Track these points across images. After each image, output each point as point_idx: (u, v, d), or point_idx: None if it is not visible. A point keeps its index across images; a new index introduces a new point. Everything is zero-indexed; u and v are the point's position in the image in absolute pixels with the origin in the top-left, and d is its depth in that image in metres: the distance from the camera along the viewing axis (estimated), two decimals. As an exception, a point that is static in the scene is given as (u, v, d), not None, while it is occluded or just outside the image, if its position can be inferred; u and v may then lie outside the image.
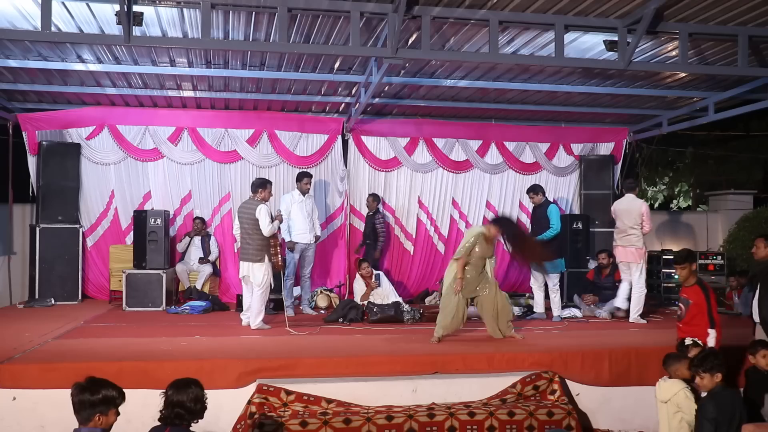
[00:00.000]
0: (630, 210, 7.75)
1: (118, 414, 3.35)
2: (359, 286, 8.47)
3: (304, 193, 8.25)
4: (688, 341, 5.23)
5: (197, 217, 9.59)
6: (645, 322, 7.67)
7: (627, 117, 10.81)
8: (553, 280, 7.84)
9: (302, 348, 5.91)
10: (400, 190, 10.49)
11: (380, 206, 9.85)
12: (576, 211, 10.71)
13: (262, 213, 6.88)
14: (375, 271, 8.69)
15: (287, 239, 8.10)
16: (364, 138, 10.31)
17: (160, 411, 3.67)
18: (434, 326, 6.43)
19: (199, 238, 9.44)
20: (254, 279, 6.89)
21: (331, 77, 8.54)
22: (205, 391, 3.74)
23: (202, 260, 9.33)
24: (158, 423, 3.68)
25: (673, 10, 6.42)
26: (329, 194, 10.25)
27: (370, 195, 9.84)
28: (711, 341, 4.92)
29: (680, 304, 5.25)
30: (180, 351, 5.71)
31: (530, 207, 10.81)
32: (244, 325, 7.08)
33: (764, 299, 5.45)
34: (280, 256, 7.06)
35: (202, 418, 3.74)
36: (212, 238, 9.55)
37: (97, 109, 9.69)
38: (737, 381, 5.66)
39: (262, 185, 7.16)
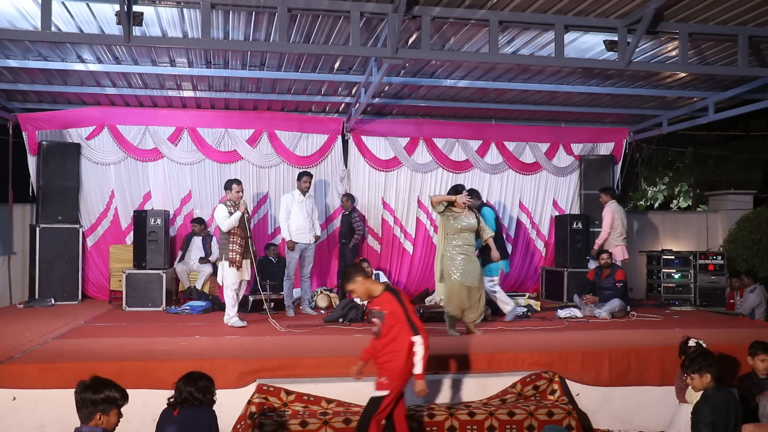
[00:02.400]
0: (623, 213, 9.01)
1: (120, 415, 3.38)
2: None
3: (304, 192, 8.25)
4: (691, 342, 5.22)
5: (196, 218, 9.55)
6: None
7: (627, 117, 10.82)
8: (488, 284, 7.51)
9: (302, 348, 5.91)
10: (400, 190, 10.49)
11: (355, 205, 9.84)
12: (576, 211, 10.72)
13: (216, 212, 7.16)
14: (375, 271, 8.68)
15: (287, 239, 8.10)
16: (364, 138, 10.31)
17: (168, 399, 3.85)
18: (434, 326, 6.48)
19: (200, 238, 9.44)
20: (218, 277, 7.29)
21: (331, 77, 8.54)
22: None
23: (203, 260, 9.32)
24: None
25: (673, 10, 6.42)
26: (329, 194, 10.25)
27: (344, 195, 9.82)
28: (419, 349, 4.18)
29: (374, 320, 4.36)
30: (180, 351, 5.70)
31: (531, 206, 10.96)
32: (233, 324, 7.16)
33: None
34: (238, 255, 7.01)
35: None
36: (213, 238, 9.54)
37: (97, 109, 9.69)
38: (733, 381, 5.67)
39: (227, 186, 7.29)
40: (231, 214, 7.03)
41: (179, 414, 3.78)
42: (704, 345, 5.09)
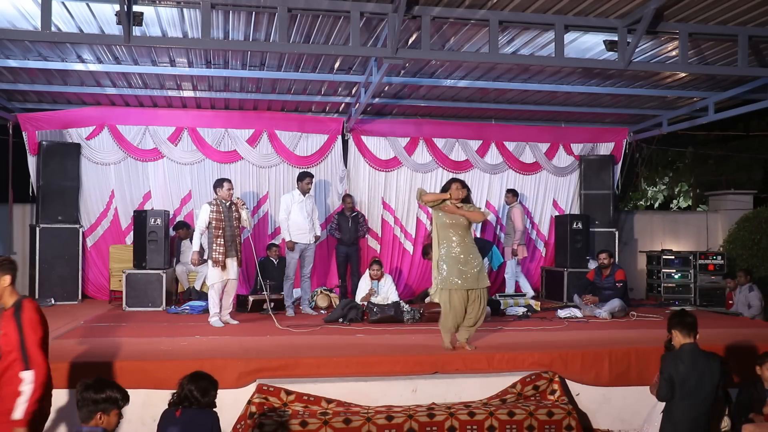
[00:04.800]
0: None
1: (120, 416, 3.39)
2: (365, 285, 8.39)
3: (305, 193, 8.25)
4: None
5: (178, 223, 9.42)
6: None
7: (627, 117, 10.82)
8: None
9: (302, 348, 5.91)
10: (400, 190, 10.49)
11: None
12: (576, 211, 10.72)
13: (200, 210, 7.22)
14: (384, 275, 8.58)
15: (287, 239, 8.10)
16: (364, 138, 10.31)
17: (172, 395, 3.88)
18: (434, 326, 6.42)
19: (188, 240, 9.39)
20: None
21: (331, 77, 8.54)
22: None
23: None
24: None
25: (673, 10, 6.42)
26: (329, 194, 10.25)
27: (347, 195, 9.79)
28: (26, 388, 3.41)
29: None
30: (180, 351, 5.70)
31: (531, 206, 10.97)
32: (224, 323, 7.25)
33: None
34: (221, 255, 7.07)
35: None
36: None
37: (97, 109, 9.69)
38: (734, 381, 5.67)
39: (217, 185, 7.30)
40: (214, 213, 7.07)
41: (181, 414, 3.79)
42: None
